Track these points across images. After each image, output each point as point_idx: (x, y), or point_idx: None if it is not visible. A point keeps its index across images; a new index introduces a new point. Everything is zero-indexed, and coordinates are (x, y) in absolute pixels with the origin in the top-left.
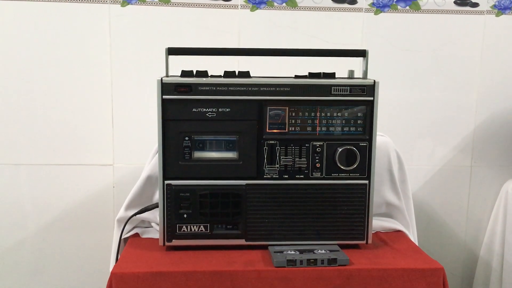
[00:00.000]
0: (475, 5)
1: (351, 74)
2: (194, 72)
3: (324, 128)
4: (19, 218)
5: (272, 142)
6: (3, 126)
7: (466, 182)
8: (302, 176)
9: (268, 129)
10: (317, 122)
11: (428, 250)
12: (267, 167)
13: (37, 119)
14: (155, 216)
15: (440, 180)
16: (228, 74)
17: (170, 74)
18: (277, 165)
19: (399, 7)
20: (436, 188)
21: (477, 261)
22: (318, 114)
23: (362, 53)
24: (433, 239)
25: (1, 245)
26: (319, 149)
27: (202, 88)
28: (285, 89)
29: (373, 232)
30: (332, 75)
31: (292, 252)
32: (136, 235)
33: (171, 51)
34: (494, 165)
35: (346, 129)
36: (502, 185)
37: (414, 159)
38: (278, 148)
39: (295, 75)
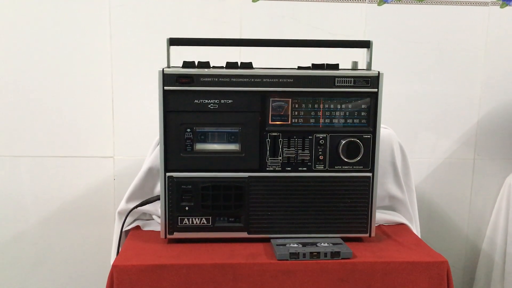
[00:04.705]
0: None
1: (354, 66)
2: (196, 63)
3: (327, 120)
4: (19, 210)
5: (275, 134)
6: (3, 118)
7: (469, 175)
8: (305, 169)
9: (271, 121)
10: (321, 114)
11: (430, 243)
12: (270, 159)
13: (37, 111)
14: (156, 209)
15: (442, 173)
16: (230, 65)
17: (171, 65)
18: (280, 158)
19: None
20: (439, 181)
21: (479, 254)
22: (321, 105)
23: (366, 44)
24: (435, 232)
25: (1, 238)
26: (322, 141)
27: (204, 79)
28: (288, 80)
29: (376, 225)
30: (335, 66)
31: (295, 245)
32: (137, 227)
33: (173, 42)
34: (497, 158)
35: (349, 121)
36: (505, 178)
37: (416, 152)
38: (281, 140)
39: (298, 66)
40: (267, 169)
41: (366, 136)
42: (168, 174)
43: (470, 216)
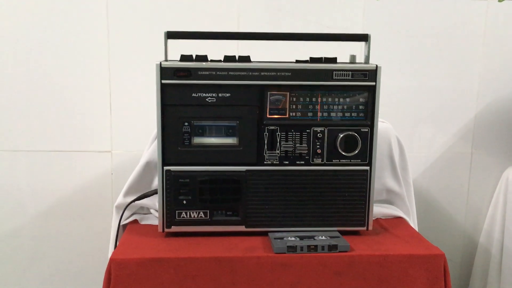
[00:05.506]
0: None
1: (352, 59)
2: (194, 57)
3: (325, 114)
4: (17, 204)
5: (273, 127)
6: (1, 112)
7: (466, 169)
8: (302, 162)
9: (269, 115)
10: (318, 108)
11: (428, 237)
12: (268, 153)
13: (35, 106)
14: (154, 203)
15: (440, 167)
16: (228, 58)
17: (168, 59)
18: (278, 151)
19: None
20: (436, 175)
21: (476, 247)
22: (319, 99)
23: (364, 38)
24: (433, 226)
25: None
26: (320, 135)
27: (202, 72)
28: (286, 74)
29: (373, 218)
30: (333, 60)
31: (293, 239)
32: (135, 221)
33: (171, 35)
34: (494, 152)
35: (347, 114)
36: (502, 172)
37: (414, 146)
38: (278, 134)
39: (296, 60)
40: (265, 162)
41: (363, 130)
42: (165, 168)
43: (467, 210)
